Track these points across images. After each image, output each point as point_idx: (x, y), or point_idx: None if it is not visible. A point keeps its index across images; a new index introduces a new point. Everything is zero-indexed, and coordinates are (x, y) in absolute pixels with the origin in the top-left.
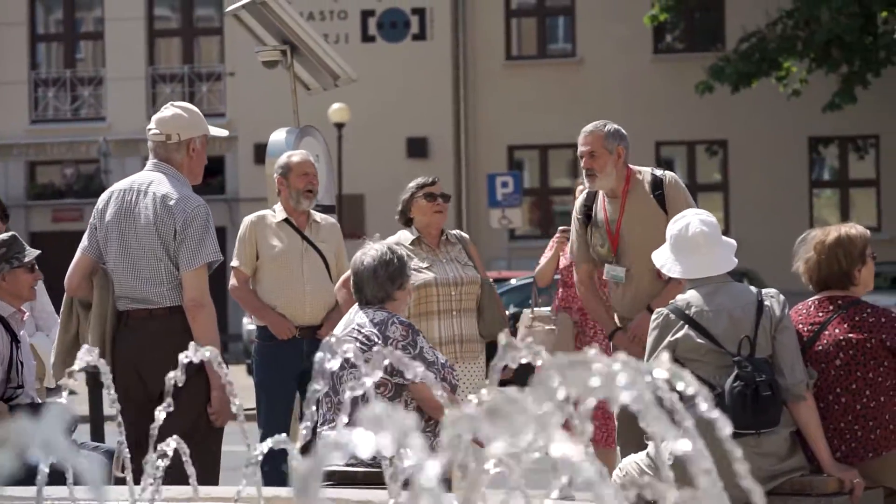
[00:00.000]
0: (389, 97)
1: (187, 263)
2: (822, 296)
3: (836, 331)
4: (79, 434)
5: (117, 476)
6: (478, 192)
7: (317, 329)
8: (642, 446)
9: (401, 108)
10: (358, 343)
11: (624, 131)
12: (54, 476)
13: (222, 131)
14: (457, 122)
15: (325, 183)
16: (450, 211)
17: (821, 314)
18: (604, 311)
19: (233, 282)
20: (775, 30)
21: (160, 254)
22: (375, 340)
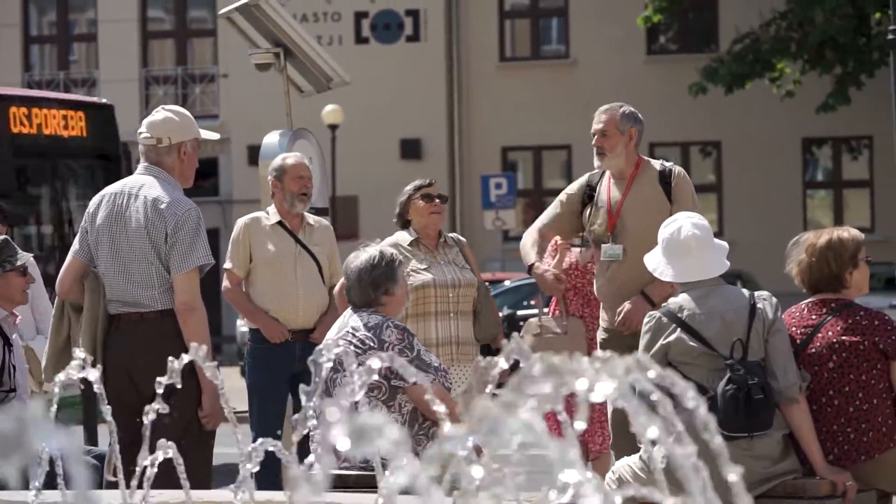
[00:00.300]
0: (383, 99)
1: (178, 267)
2: (815, 298)
3: (829, 333)
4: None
5: (109, 480)
6: (471, 194)
7: (309, 332)
8: (636, 449)
9: (394, 109)
10: (352, 347)
11: (640, 115)
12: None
13: (213, 134)
14: (450, 124)
15: (319, 185)
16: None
17: (814, 317)
18: (532, 252)
19: (226, 284)
20: (769, 31)
21: (151, 257)
22: (371, 345)
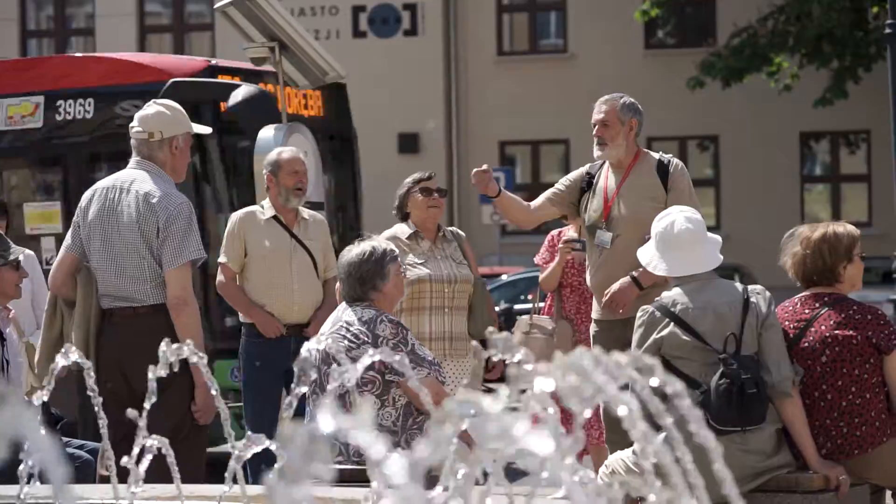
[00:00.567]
0: (380, 93)
1: (170, 261)
2: (809, 293)
3: (823, 327)
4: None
5: (102, 474)
6: (469, 188)
7: (304, 327)
8: (629, 443)
9: (392, 103)
10: (346, 342)
11: (640, 106)
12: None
13: (206, 129)
14: (448, 118)
15: (314, 180)
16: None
17: (807, 311)
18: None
19: (220, 278)
20: (766, 25)
21: (143, 252)
22: (365, 339)
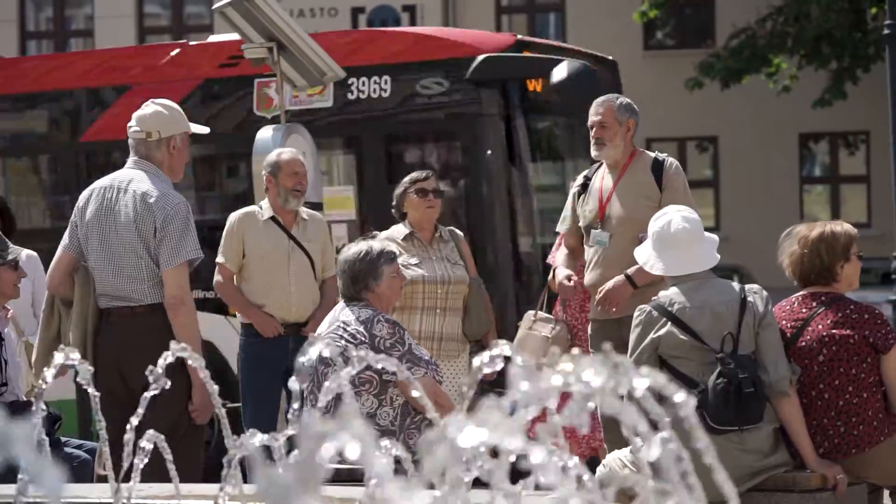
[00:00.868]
0: None
1: (168, 261)
2: (806, 292)
3: (820, 327)
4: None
5: (100, 474)
6: None
7: (302, 326)
8: (627, 443)
9: None
10: (343, 341)
11: (635, 106)
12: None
13: (203, 128)
14: None
15: (312, 180)
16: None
17: (804, 310)
18: (562, 267)
19: (218, 278)
20: (765, 26)
21: (140, 251)
22: (362, 339)
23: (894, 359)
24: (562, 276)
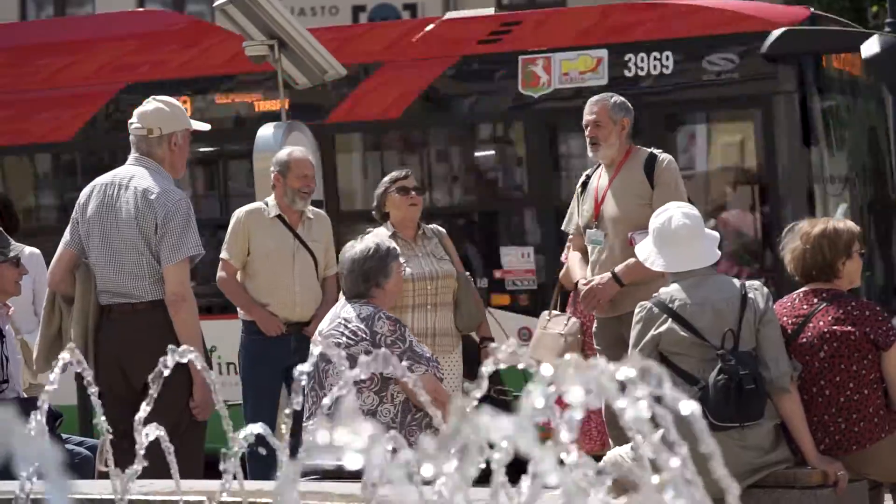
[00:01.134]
0: None
1: (169, 257)
2: (807, 288)
3: (821, 323)
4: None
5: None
6: None
7: (304, 325)
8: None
9: None
10: (344, 338)
11: (630, 105)
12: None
13: (204, 125)
14: None
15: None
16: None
17: (805, 306)
18: (578, 270)
19: (221, 274)
20: None
21: (141, 248)
22: (363, 336)
23: (895, 355)
24: (579, 279)
